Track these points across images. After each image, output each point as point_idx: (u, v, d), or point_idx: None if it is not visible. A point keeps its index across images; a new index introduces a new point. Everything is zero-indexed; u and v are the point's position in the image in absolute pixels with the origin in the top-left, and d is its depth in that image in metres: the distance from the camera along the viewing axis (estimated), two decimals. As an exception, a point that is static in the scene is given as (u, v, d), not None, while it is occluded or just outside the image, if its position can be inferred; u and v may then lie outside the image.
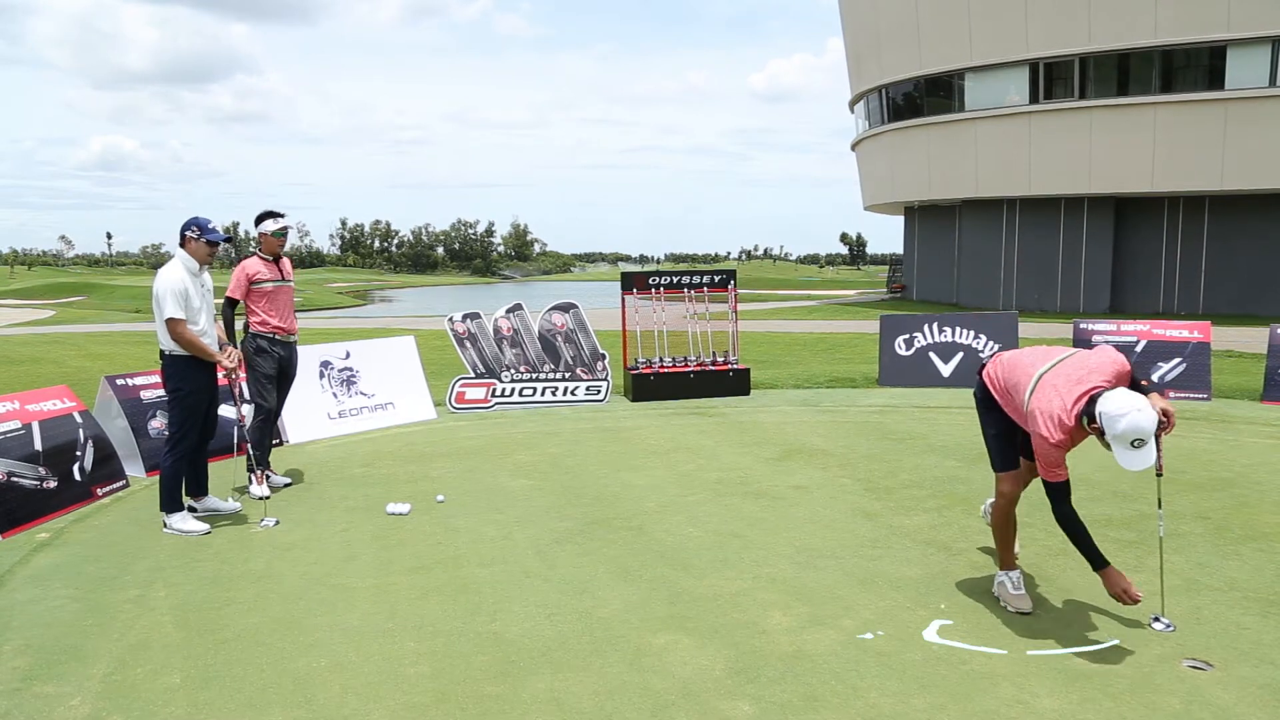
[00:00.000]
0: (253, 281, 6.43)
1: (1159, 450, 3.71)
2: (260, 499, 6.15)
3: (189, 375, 5.60)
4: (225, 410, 6.80)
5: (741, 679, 3.47)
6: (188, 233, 5.61)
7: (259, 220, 6.55)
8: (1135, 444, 3.56)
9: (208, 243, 5.61)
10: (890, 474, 6.75)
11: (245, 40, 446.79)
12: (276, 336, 6.53)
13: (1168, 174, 25.51)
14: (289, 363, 6.69)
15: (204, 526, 5.58)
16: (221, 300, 6.31)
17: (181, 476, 5.68)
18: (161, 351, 5.65)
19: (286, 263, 6.72)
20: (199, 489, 5.92)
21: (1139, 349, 10.11)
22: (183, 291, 5.47)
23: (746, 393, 10.57)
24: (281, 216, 6.59)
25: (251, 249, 6.74)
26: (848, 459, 7.27)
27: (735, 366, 10.65)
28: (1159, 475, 3.98)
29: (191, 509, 5.82)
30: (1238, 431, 8.19)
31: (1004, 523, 4.28)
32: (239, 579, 4.70)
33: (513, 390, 9.99)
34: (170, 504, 5.60)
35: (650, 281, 10.83)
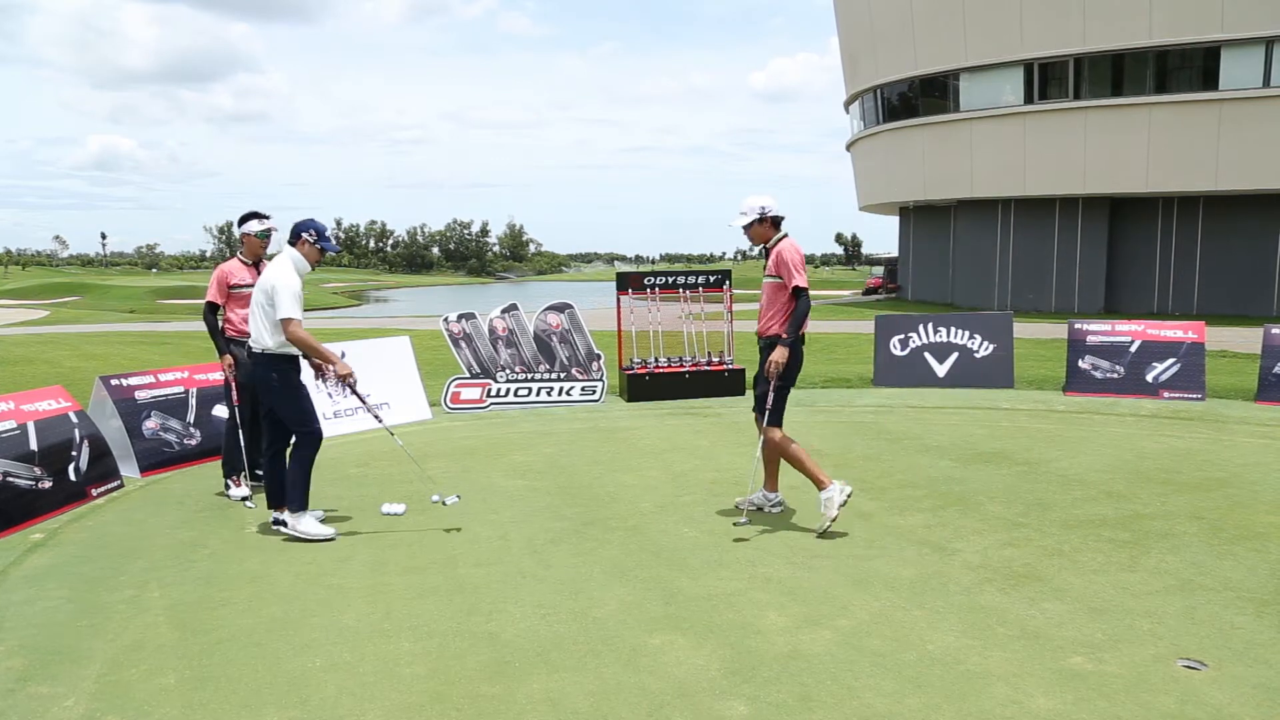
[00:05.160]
0: (230, 286, 6.29)
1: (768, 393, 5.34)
2: (240, 500, 6.20)
3: (290, 368, 5.38)
4: (219, 410, 6.79)
5: (737, 679, 3.48)
6: (305, 234, 5.42)
7: (243, 220, 6.41)
8: None
9: (320, 250, 5.46)
10: (885, 474, 6.76)
11: (246, 39, 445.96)
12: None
13: (1162, 174, 25.58)
14: None
15: (330, 531, 5.38)
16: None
17: (308, 467, 5.40)
18: (259, 351, 5.34)
19: (265, 266, 6.59)
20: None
21: (1133, 349, 10.13)
22: (298, 293, 5.28)
23: (742, 393, 10.56)
24: (267, 218, 6.44)
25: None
26: (843, 459, 7.28)
27: (730, 366, 10.65)
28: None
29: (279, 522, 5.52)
30: (1232, 431, 8.21)
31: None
32: (234, 579, 4.69)
33: (508, 390, 9.99)
34: (298, 501, 5.36)
35: (645, 282, 10.83)
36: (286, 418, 5.40)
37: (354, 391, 5.68)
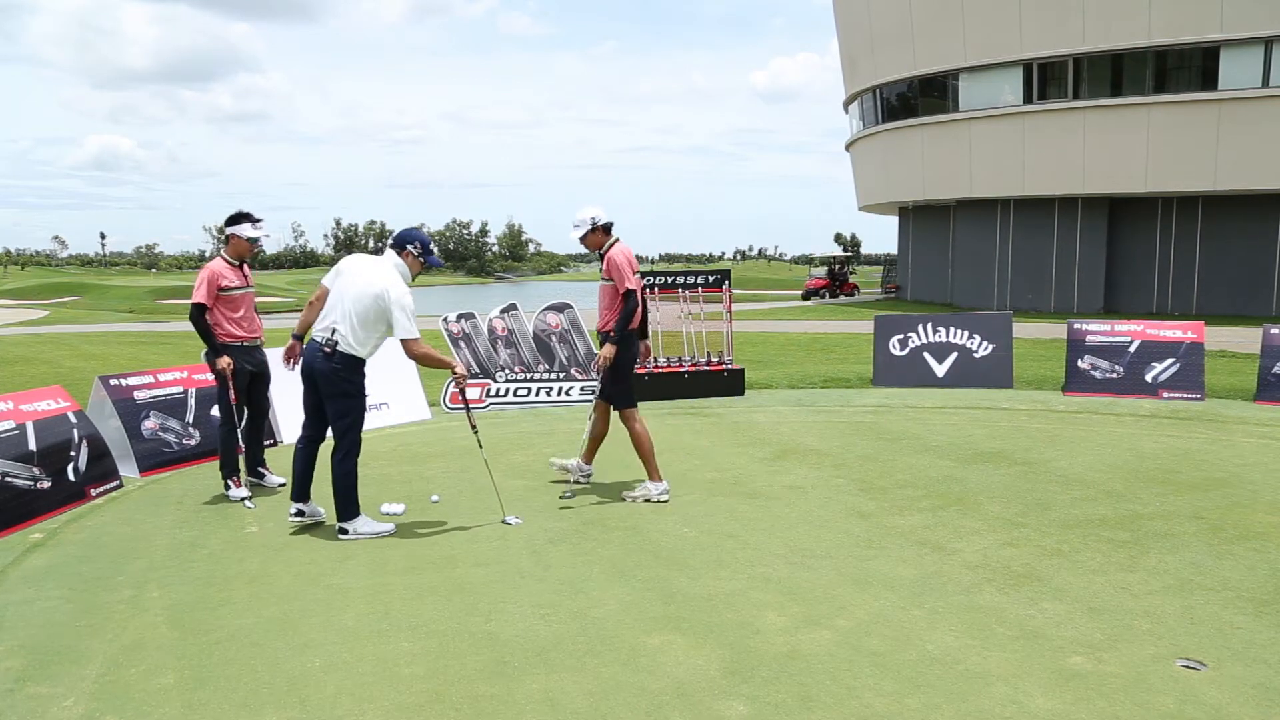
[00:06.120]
0: (220, 288, 6.21)
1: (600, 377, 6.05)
2: (240, 500, 6.17)
3: (363, 374, 5.40)
4: (215, 411, 6.78)
5: (736, 679, 3.48)
6: (410, 246, 5.40)
7: (234, 220, 6.32)
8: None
9: (422, 263, 5.47)
10: (885, 474, 6.76)
11: (246, 39, 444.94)
12: (244, 344, 6.32)
13: (1161, 174, 25.60)
14: (262, 365, 6.50)
15: (389, 526, 5.43)
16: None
17: (356, 475, 5.39)
18: (345, 353, 5.27)
19: (246, 267, 6.49)
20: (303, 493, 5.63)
21: (1133, 349, 10.14)
22: (414, 308, 5.31)
23: (741, 393, 10.57)
24: (259, 221, 6.36)
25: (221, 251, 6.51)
26: (842, 459, 7.28)
27: (730, 366, 10.65)
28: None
29: (300, 513, 5.59)
30: (1231, 431, 8.21)
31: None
32: (233, 579, 4.69)
33: (507, 390, 9.99)
34: (353, 509, 5.37)
35: (645, 282, 10.81)
36: (346, 420, 5.36)
37: (463, 393, 5.87)
